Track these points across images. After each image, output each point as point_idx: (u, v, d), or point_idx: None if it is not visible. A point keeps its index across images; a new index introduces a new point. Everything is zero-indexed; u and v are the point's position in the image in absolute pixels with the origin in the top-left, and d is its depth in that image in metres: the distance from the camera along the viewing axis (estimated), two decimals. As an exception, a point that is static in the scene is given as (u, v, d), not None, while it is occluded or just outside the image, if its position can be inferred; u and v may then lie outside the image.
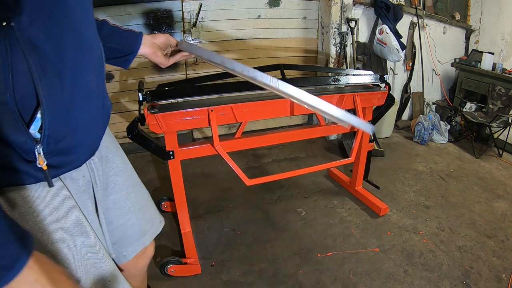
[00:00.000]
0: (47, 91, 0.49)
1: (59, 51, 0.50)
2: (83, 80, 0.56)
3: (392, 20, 2.96)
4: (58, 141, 0.52)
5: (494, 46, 3.54)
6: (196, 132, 3.09)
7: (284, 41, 3.05)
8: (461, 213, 2.13)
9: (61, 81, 0.51)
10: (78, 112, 0.55)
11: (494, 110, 3.14)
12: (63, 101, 0.52)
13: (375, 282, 1.58)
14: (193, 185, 2.41)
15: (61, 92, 0.51)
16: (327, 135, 3.14)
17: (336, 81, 1.86)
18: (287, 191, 2.35)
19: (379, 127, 3.23)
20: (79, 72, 0.55)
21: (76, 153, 0.58)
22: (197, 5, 2.65)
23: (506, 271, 1.65)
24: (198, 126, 1.56)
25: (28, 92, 0.47)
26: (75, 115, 0.55)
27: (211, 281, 1.58)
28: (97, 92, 0.62)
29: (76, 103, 0.55)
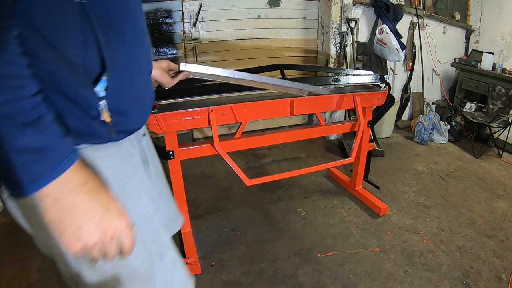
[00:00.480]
0: (112, 58, 0.56)
1: (120, 27, 0.58)
2: (137, 55, 0.64)
3: (392, 20, 2.96)
4: (120, 99, 0.59)
5: (494, 46, 3.53)
6: (196, 132, 3.09)
7: (284, 41, 3.05)
8: (461, 213, 2.13)
9: (122, 51, 0.59)
10: (134, 81, 0.63)
11: (494, 110, 3.14)
12: (123, 68, 0.59)
13: (375, 282, 1.58)
14: (193, 185, 2.41)
15: (122, 60, 0.59)
16: (327, 135, 3.15)
17: (336, 81, 1.86)
18: (287, 191, 2.35)
19: (379, 127, 3.23)
20: (134, 49, 0.63)
21: (131, 116, 0.63)
22: (197, 5, 2.65)
23: (506, 271, 1.65)
24: (198, 126, 1.56)
25: (95, 57, 0.54)
26: (132, 82, 0.62)
27: (211, 281, 1.58)
28: (146, 69, 0.69)
29: (133, 72, 0.62)
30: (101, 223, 0.48)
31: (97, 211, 0.48)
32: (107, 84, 0.56)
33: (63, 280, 0.71)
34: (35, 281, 1.55)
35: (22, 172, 0.42)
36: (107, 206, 0.49)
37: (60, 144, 0.46)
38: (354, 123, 2.00)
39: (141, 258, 0.66)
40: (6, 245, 1.79)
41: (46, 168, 0.43)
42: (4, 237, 1.85)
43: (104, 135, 0.58)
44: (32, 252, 1.73)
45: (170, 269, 0.73)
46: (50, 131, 0.45)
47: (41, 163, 0.43)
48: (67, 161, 0.45)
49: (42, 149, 0.43)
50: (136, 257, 0.64)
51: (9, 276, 1.58)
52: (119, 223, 0.51)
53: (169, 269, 0.73)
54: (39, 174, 0.43)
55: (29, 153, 0.43)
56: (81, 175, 0.48)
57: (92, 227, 0.47)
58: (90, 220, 0.47)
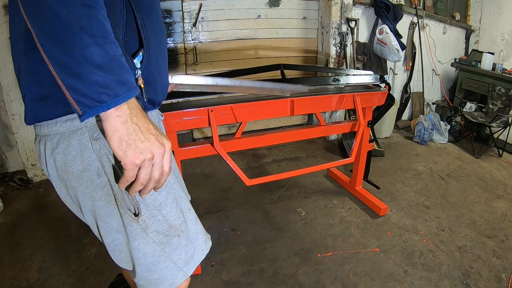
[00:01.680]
0: (147, 38, 0.69)
1: (150, 13, 0.70)
2: (160, 38, 0.76)
3: (392, 20, 2.96)
4: (149, 73, 0.70)
5: (494, 46, 3.54)
6: (196, 132, 3.09)
7: (284, 41, 3.05)
8: (461, 213, 2.13)
9: (152, 33, 0.71)
10: (159, 59, 0.75)
11: (494, 110, 3.14)
12: (153, 49, 0.71)
13: (375, 282, 1.58)
14: (193, 185, 2.41)
15: (152, 40, 0.70)
16: (327, 135, 3.15)
17: (336, 81, 1.86)
18: (287, 191, 2.35)
19: (379, 127, 3.23)
20: (160, 37, 0.76)
21: (156, 88, 0.74)
22: (197, 5, 2.66)
23: (506, 271, 1.65)
24: (198, 126, 1.56)
25: (135, 36, 0.67)
26: (157, 60, 0.73)
27: (211, 281, 1.58)
28: (165, 50, 0.81)
29: (158, 52, 0.74)
30: (157, 142, 0.58)
31: (154, 132, 0.58)
32: (142, 58, 0.68)
33: (62, 280, 0.71)
34: (35, 281, 1.55)
35: (107, 91, 0.52)
36: (158, 130, 0.60)
37: (131, 77, 0.57)
38: (354, 123, 2.00)
39: (175, 213, 0.76)
40: (6, 245, 1.79)
41: (123, 91, 0.54)
42: (4, 237, 1.85)
43: (140, 98, 0.68)
44: (32, 252, 1.73)
45: (194, 224, 0.83)
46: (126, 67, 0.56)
47: (121, 87, 0.53)
48: (134, 90, 0.56)
49: (122, 77, 0.54)
50: (171, 213, 0.75)
51: (9, 276, 1.58)
52: (169, 144, 0.61)
53: (194, 224, 0.83)
54: (120, 94, 0.53)
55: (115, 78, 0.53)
56: (139, 106, 0.58)
57: (151, 144, 0.57)
58: (149, 138, 0.57)
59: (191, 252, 0.81)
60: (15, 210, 2.11)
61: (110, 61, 0.52)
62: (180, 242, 0.77)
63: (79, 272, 1.60)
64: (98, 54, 0.50)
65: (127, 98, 0.54)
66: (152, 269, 0.75)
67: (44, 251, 1.74)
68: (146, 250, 0.72)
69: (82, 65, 0.49)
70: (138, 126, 0.56)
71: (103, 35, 0.51)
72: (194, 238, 0.82)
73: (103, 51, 0.51)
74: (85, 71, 0.50)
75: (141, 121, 0.57)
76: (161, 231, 0.73)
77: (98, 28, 0.50)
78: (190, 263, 0.81)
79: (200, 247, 0.84)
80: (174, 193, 0.77)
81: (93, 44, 0.50)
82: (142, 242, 0.71)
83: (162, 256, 0.74)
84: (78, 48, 0.49)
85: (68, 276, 1.58)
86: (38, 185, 2.39)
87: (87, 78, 0.50)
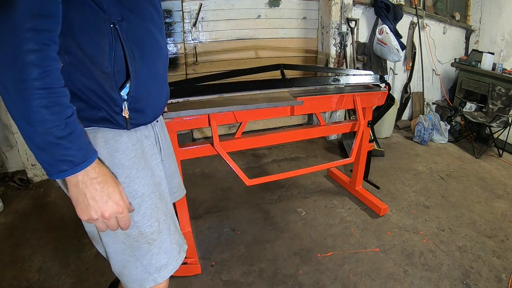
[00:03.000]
0: (135, 70, 0.73)
1: (142, 44, 0.74)
2: (156, 68, 0.80)
3: (392, 20, 2.96)
4: (137, 102, 0.75)
5: (494, 46, 3.53)
6: (196, 132, 3.09)
7: (284, 41, 3.05)
8: (461, 213, 2.13)
9: (142, 64, 0.75)
10: (150, 86, 0.79)
11: (494, 110, 3.14)
12: (143, 78, 0.75)
13: (375, 282, 1.58)
14: (193, 185, 2.41)
15: (142, 71, 0.75)
16: (327, 135, 3.14)
17: (336, 81, 1.86)
18: (287, 191, 2.35)
19: (379, 127, 3.23)
20: (153, 62, 0.79)
21: (146, 114, 0.80)
22: (197, 5, 2.65)
23: (506, 271, 1.65)
24: (198, 126, 1.56)
25: (122, 68, 0.72)
26: (148, 88, 0.78)
27: (211, 281, 1.58)
28: (163, 77, 0.85)
29: (150, 80, 0.78)
30: (102, 207, 0.67)
31: (100, 199, 0.67)
32: (129, 90, 0.73)
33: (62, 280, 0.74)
34: (35, 281, 1.55)
35: (55, 165, 0.62)
36: (109, 196, 0.68)
37: (84, 150, 0.64)
38: (354, 123, 2.00)
39: (149, 222, 0.81)
40: (6, 245, 1.79)
41: (69, 167, 0.62)
42: (4, 237, 1.85)
43: (122, 125, 0.75)
44: (32, 252, 1.73)
45: (169, 235, 0.86)
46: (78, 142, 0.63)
47: (68, 163, 0.62)
48: (86, 162, 0.64)
49: (71, 154, 0.62)
50: (143, 221, 0.80)
51: (9, 276, 1.58)
52: (115, 209, 0.69)
53: (168, 234, 0.86)
54: (64, 169, 0.62)
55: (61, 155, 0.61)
56: (96, 171, 0.66)
57: (95, 208, 0.67)
58: (94, 203, 0.66)
59: (164, 261, 0.84)
60: (15, 210, 2.11)
61: (49, 145, 0.59)
62: (151, 250, 0.82)
63: (79, 272, 1.60)
64: (40, 140, 0.59)
65: (73, 173, 0.63)
66: (123, 266, 0.82)
67: (44, 251, 1.74)
68: (115, 247, 0.79)
69: (32, 144, 0.60)
70: (85, 192, 0.65)
71: (42, 121, 0.58)
72: (169, 248, 0.86)
73: (42, 139, 0.59)
74: (34, 150, 0.61)
75: (90, 188, 0.65)
76: (131, 235, 0.79)
77: (35, 117, 0.57)
78: (162, 271, 0.84)
79: (175, 257, 0.87)
80: (151, 203, 0.82)
81: (33, 132, 0.58)
82: (111, 239, 0.79)
83: (132, 257, 0.81)
84: (26, 133, 0.60)
85: (68, 276, 1.58)
86: (38, 185, 2.39)
87: (36, 156, 0.61)
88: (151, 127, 0.89)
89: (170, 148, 1.08)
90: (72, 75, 0.66)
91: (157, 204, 0.84)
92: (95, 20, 0.65)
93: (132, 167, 0.78)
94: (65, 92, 0.61)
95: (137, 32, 0.73)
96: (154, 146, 0.88)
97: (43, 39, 0.56)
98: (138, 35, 0.73)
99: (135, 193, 0.78)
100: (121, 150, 0.76)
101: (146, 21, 0.75)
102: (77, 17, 0.64)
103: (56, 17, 0.59)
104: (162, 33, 0.83)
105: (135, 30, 0.72)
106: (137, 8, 0.72)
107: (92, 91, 0.69)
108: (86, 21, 0.65)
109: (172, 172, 1.08)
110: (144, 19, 0.74)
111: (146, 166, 0.82)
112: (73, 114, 0.62)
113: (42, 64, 0.56)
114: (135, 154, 0.79)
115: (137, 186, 0.79)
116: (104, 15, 0.66)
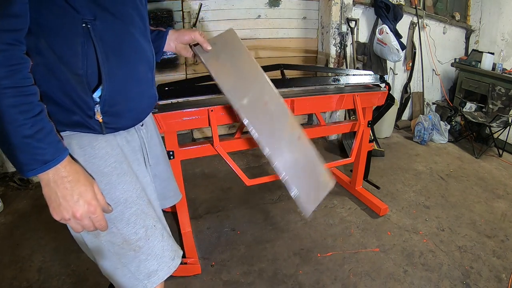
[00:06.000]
0: (108, 72, 0.69)
1: (119, 46, 0.71)
2: (136, 70, 0.77)
3: (392, 20, 2.96)
4: (112, 105, 0.73)
5: (494, 46, 3.54)
6: (196, 132, 3.09)
7: (284, 41, 3.05)
8: (461, 213, 2.13)
9: (119, 66, 0.72)
10: (129, 89, 0.76)
11: (494, 110, 3.14)
12: (119, 81, 0.73)
13: (375, 282, 1.58)
14: (193, 185, 2.41)
15: (118, 75, 0.72)
16: (327, 135, 3.14)
17: (336, 81, 1.86)
18: (287, 191, 2.33)
19: (379, 127, 3.23)
20: (133, 65, 0.76)
21: (123, 118, 0.77)
22: (197, 5, 2.65)
23: (506, 271, 1.65)
24: (198, 126, 1.56)
25: (94, 70, 0.69)
26: (126, 91, 0.75)
27: (211, 281, 1.58)
28: (145, 80, 0.81)
29: (128, 83, 0.75)
30: (72, 207, 0.65)
31: (71, 198, 0.65)
32: (101, 93, 0.70)
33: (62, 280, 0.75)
34: (35, 281, 1.55)
35: (25, 163, 0.61)
36: (80, 195, 0.66)
37: (53, 149, 0.63)
38: (354, 123, 2.00)
39: (133, 229, 0.78)
40: (6, 245, 1.79)
41: (39, 165, 0.62)
42: (4, 237, 1.85)
43: (97, 129, 0.73)
44: (32, 252, 1.73)
45: (160, 241, 0.83)
46: (47, 139, 0.62)
47: (37, 162, 0.61)
48: (55, 160, 0.63)
49: (40, 152, 0.61)
50: (127, 228, 0.78)
51: (9, 276, 1.58)
52: (87, 209, 0.67)
53: (160, 240, 0.83)
54: (34, 168, 0.62)
55: (31, 153, 0.61)
56: (66, 169, 0.65)
57: (66, 207, 0.65)
58: (65, 203, 0.65)
59: (154, 267, 0.82)
60: (15, 210, 2.11)
61: (19, 144, 0.59)
62: (137, 256, 0.80)
63: (79, 272, 1.60)
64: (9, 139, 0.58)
65: (42, 171, 0.62)
66: (112, 272, 0.80)
67: (44, 251, 1.74)
68: (102, 254, 0.78)
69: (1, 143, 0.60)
70: (56, 191, 0.64)
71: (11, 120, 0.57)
72: (160, 254, 0.83)
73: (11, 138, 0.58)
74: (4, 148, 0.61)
75: (60, 187, 0.64)
76: (116, 242, 0.77)
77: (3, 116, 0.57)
78: (152, 277, 0.82)
79: (167, 264, 0.84)
80: (137, 209, 0.79)
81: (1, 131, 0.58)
82: (96, 246, 0.78)
83: (119, 264, 0.79)
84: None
85: (68, 276, 1.58)
86: (38, 185, 2.39)
87: (6, 154, 0.62)
88: (135, 131, 0.86)
89: (163, 152, 1.05)
90: (44, 77, 0.64)
91: (145, 210, 0.81)
92: (66, 20, 0.63)
93: (112, 173, 0.75)
94: (34, 90, 0.60)
95: (115, 33, 0.70)
96: (136, 151, 0.86)
97: (7, 39, 0.56)
98: (116, 36, 0.70)
99: (117, 200, 0.76)
100: (99, 156, 0.74)
101: (125, 23, 0.72)
102: (47, 17, 0.62)
103: (22, 17, 0.58)
104: (147, 37, 0.81)
105: (112, 30, 0.69)
106: (114, 8, 0.69)
107: (65, 93, 0.67)
108: (56, 21, 0.63)
109: (168, 177, 1.06)
110: (124, 21, 0.72)
111: (129, 171, 0.80)
112: (42, 112, 0.61)
113: (7, 63, 0.56)
114: (116, 159, 0.77)
115: (119, 193, 0.76)
116: (76, 14, 0.63)
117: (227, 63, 1.11)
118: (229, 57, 1.12)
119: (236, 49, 1.14)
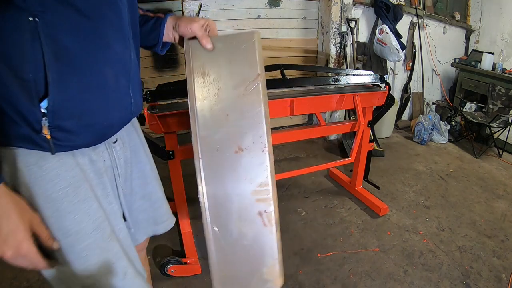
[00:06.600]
0: (56, 78, 0.57)
1: (78, 46, 0.59)
2: (103, 76, 0.63)
3: (392, 20, 2.96)
4: (63, 119, 0.60)
5: (494, 46, 3.54)
6: (196, 132, 3.08)
7: (284, 41, 3.05)
8: (461, 213, 2.13)
9: (76, 72, 0.59)
10: (89, 102, 0.62)
11: (494, 110, 3.14)
12: (72, 88, 0.60)
13: (375, 282, 1.58)
14: (193, 185, 2.40)
15: (71, 81, 0.59)
16: (327, 135, 3.14)
17: (336, 81, 1.86)
18: (287, 191, 2.35)
19: (379, 127, 3.23)
20: (96, 68, 0.62)
21: (81, 135, 0.64)
22: (197, 5, 2.66)
23: (506, 271, 1.65)
24: (198, 126, 1.55)
25: (41, 76, 0.56)
26: (84, 103, 0.62)
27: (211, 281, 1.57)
28: (114, 88, 0.67)
29: (85, 93, 0.62)
30: (1, 247, 0.55)
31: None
32: (47, 103, 0.58)
33: None
34: (35, 281, 1.55)
35: None
36: (8, 235, 0.55)
37: None
38: (354, 123, 2.00)
39: (83, 265, 0.67)
40: (6, 245, 1.79)
41: None
42: (4, 237, 1.85)
43: (45, 147, 0.61)
44: (32, 252, 1.73)
45: (120, 280, 0.72)
46: None
47: None
48: None
49: None
50: (79, 262, 0.67)
51: (9, 276, 1.58)
52: (17, 252, 0.57)
53: (119, 279, 0.72)
54: None
55: None
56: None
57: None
58: None
59: None
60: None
61: None
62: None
63: (79, 272, 1.60)
64: None
65: None
66: None
67: (44, 251, 1.74)
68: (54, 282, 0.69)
69: None
70: None
71: None
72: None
73: None
74: None
75: None
76: (66, 272, 0.68)
77: None
78: None
79: None
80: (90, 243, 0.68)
81: None
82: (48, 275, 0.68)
83: None
84: None
85: (68, 276, 1.58)
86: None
87: None
88: (105, 148, 0.73)
89: (153, 170, 0.92)
90: None
91: (102, 244, 0.69)
92: (8, 11, 0.52)
93: (63, 199, 0.63)
94: None
95: (74, 30, 0.58)
96: (102, 173, 0.72)
97: None
98: (75, 34, 0.58)
99: (66, 231, 0.64)
100: (48, 179, 0.62)
101: (91, 19, 0.59)
102: None
103: None
104: (124, 38, 0.69)
105: (68, 26, 0.57)
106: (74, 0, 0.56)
107: (7, 100, 0.56)
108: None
109: (158, 198, 0.94)
110: (89, 17, 0.59)
111: (89, 198, 0.67)
112: None
113: None
114: (70, 183, 0.64)
115: (69, 223, 0.64)
116: (21, 3, 0.52)
117: (220, 80, 0.79)
118: (228, 72, 0.79)
119: (245, 65, 0.79)
